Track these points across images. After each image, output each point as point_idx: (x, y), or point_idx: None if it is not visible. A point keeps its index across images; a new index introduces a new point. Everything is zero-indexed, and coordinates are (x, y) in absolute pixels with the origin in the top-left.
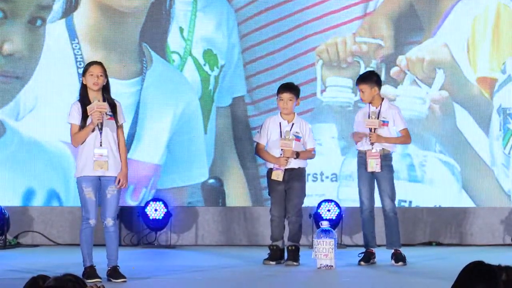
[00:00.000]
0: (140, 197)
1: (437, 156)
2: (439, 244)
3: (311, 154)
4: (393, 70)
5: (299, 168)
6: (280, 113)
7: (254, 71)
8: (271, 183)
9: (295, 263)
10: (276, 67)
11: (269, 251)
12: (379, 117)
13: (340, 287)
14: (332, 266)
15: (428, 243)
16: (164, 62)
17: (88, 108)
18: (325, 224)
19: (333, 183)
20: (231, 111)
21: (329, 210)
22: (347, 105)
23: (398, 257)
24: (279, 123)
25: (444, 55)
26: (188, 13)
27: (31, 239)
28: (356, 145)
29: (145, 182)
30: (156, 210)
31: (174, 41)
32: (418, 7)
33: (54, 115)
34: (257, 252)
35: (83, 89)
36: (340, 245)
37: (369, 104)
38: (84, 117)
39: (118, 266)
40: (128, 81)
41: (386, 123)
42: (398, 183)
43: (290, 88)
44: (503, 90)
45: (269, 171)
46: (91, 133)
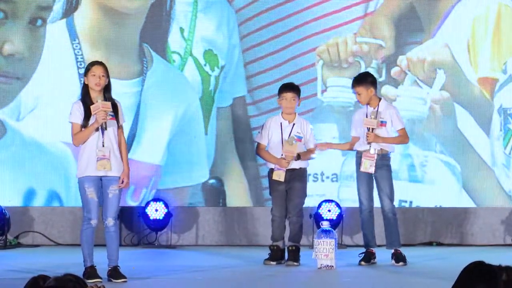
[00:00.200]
0: (141, 197)
1: (438, 156)
2: (440, 244)
3: (312, 155)
4: (394, 70)
5: (301, 169)
6: (281, 113)
7: (255, 72)
8: (272, 183)
9: (296, 263)
10: (277, 67)
11: (270, 251)
12: (377, 117)
13: (341, 287)
14: (333, 266)
15: (429, 243)
16: (165, 63)
17: (93, 108)
18: (326, 224)
19: (334, 183)
20: (232, 112)
21: (330, 210)
22: (348, 105)
23: (399, 257)
24: (280, 123)
25: (445, 56)
26: (189, 14)
27: (32, 239)
28: (355, 146)
29: (146, 182)
30: (157, 210)
31: (175, 42)
32: (419, 8)
33: (55, 115)
34: (258, 252)
35: (85, 89)
36: (341, 245)
37: (367, 105)
38: (86, 117)
39: (119, 266)
40: (129, 82)
41: (384, 124)
42: (399, 183)
43: (293, 88)
44: (504, 90)
45: (270, 171)
46: (94, 133)
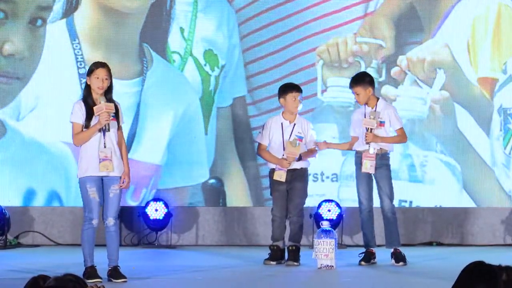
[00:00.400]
0: (141, 197)
1: (438, 156)
2: (440, 244)
3: (313, 155)
4: (394, 70)
5: (302, 169)
6: (282, 113)
7: (255, 71)
8: (273, 183)
9: (296, 263)
10: (277, 67)
11: (270, 251)
12: (376, 117)
13: (341, 287)
14: (333, 266)
15: (429, 243)
16: (165, 63)
17: (96, 109)
18: (326, 224)
19: (334, 183)
20: (232, 111)
21: (330, 210)
22: (348, 105)
23: (398, 257)
24: (281, 124)
25: (445, 56)
26: (189, 14)
27: (32, 239)
28: (354, 146)
29: (146, 182)
30: (157, 210)
31: (175, 41)
32: (419, 7)
33: (55, 115)
34: (257, 252)
35: (87, 89)
36: (341, 245)
37: (365, 105)
38: (88, 117)
39: (119, 266)
40: (129, 81)
41: (383, 123)
42: (399, 183)
43: (299, 88)
44: (504, 90)
45: (271, 172)
46: (95, 134)
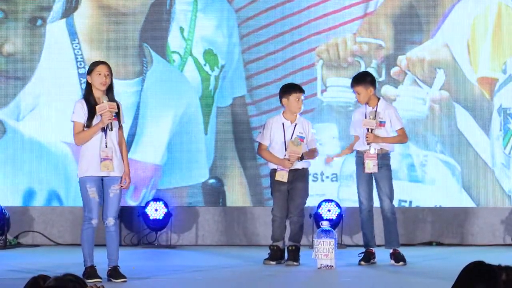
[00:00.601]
0: (141, 197)
1: (438, 156)
2: (440, 244)
3: (315, 154)
4: (394, 70)
5: (303, 169)
6: (283, 113)
7: (255, 71)
8: (275, 184)
9: (295, 263)
10: (277, 67)
11: (270, 251)
12: (376, 118)
13: (340, 287)
14: (332, 266)
15: (429, 243)
16: (165, 62)
17: (98, 108)
18: (325, 224)
19: (333, 183)
20: (232, 111)
21: (330, 210)
22: (348, 105)
23: (398, 257)
24: (282, 124)
25: (445, 55)
26: (189, 14)
27: (32, 239)
28: (354, 146)
29: (146, 182)
30: (157, 210)
31: (175, 41)
32: (419, 7)
33: (55, 115)
34: (257, 252)
35: (88, 88)
36: (340, 245)
37: (366, 105)
38: (90, 117)
39: (119, 266)
40: (129, 81)
41: (383, 124)
42: (399, 183)
43: (301, 88)
44: (504, 90)
45: (273, 172)
46: (97, 133)
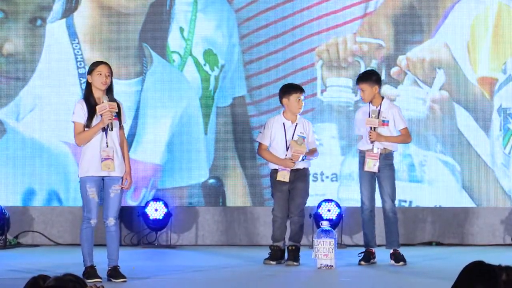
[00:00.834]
0: (141, 197)
1: (438, 156)
2: (439, 244)
3: (315, 154)
4: (394, 70)
5: (304, 169)
6: (283, 113)
7: (254, 71)
8: (276, 184)
9: (295, 263)
10: (276, 67)
11: (270, 251)
12: (379, 117)
13: (340, 287)
14: (332, 266)
15: (428, 243)
16: (165, 62)
17: (99, 108)
18: (325, 224)
19: (333, 183)
20: (231, 111)
21: (329, 210)
22: (348, 105)
23: (398, 257)
24: (283, 124)
25: (445, 55)
26: (188, 14)
27: (31, 239)
28: (358, 145)
29: (146, 182)
30: (157, 210)
31: (174, 41)
32: (419, 7)
33: (55, 115)
34: (257, 252)
35: (88, 88)
36: (340, 245)
37: (370, 103)
38: (90, 117)
39: (119, 266)
40: (129, 81)
41: (386, 123)
42: (398, 183)
43: (302, 88)
44: (504, 90)
45: (273, 172)
46: (98, 133)
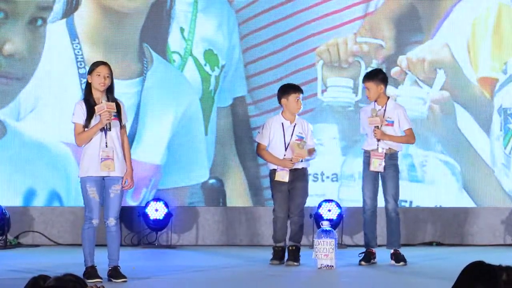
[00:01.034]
0: (141, 197)
1: (438, 156)
2: (440, 244)
3: (313, 154)
4: (394, 70)
5: (303, 168)
6: (282, 113)
7: (255, 71)
8: (275, 184)
9: (296, 263)
10: (277, 67)
11: (273, 252)
12: (384, 116)
13: (341, 287)
14: (333, 266)
15: (429, 243)
16: (165, 63)
17: (97, 108)
18: (326, 224)
19: (334, 183)
20: (232, 111)
21: (330, 210)
22: (348, 105)
23: (398, 257)
24: (282, 124)
25: (445, 55)
26: (189, 14)
27: (32, 239)
28: (362, 145)
29: (146, 182)
30: (157, 210)
31: (175, 41)
32: (419, 7)
33: (55, 116)
34: (258, 252)
35: (88, 88)
36: (341, 245)
37: (375, 103)
38: (89, 117)
39: (119, 266)
40: (129, 82)
41: (391, 123)
42: (399, 183)
43: (300, 88)
44: (504, 90)
45: (272, 172)
46: (97, 133)
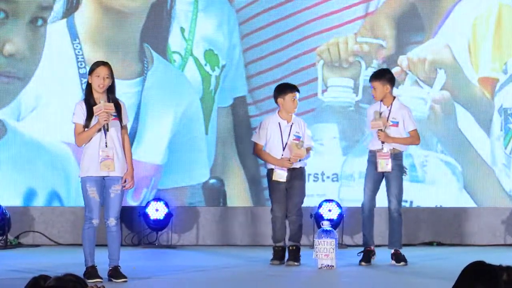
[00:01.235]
0: (141, 197)
1: (438, 156)
2: (440, 244)
3: (310, 153)
4: (394, 70)
5: (300, 168)
6: (279, 113)
7: (255, 71)
8: (273, 184)
9: (296, 263)
10: (277, 67)
11: (274, 252)
12: (389, 117)
13: (341, 287)
14: (333, 266)
15: (429, 243)
16: (165, 62)
17: (95, 109)
18: (326, 224)
19: (334, 183)
20: (232, 111)
21: (330, 210)
22: (349, 105)
23: (399, 257)
24: (279, 124)
25: (446, 55)
26: (189, 14)
27: (32, 239)
28: (368, 145)
29: (146, 182)
30: (157, 210)
31: (175, 41)
32: (420, 7)
33: (55, 115)
34: (258, 252)
35: (88, 88)
36: (341, 245)
37: (381, 102)
38: (89, 117)
39: (119, 266)
40: (130, 81)
41: (396, 124)
42: None
43: (297, 88)
44: (504, 90)
45: (270, 172)
46: (96, 134)
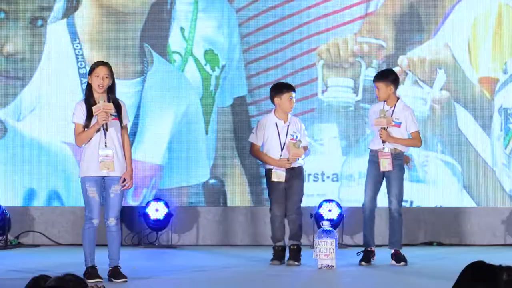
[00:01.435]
0: (141, 197)
1: (438, 156)
2: (440, 244)
3: (307, 152)
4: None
5: (299, 167)
6: (275, 112)
7: (255, 71)
8: (272, 184)
9: (296, 263)
10: (277, 67)
11: (273, 252)
12: (392, 117)
13: (341, 287)
14: (333, 266)
15: (429, 243)
16: (165, 63)
17: (94, 108)
18: (326, 224)
19: (334, 183)
20: (232, 111)
21: (330, 210)
22: (349, 105)
23: (399, 257)
24: (276, 124)
25: (446, 55)
26: (189, 14)
27: (32, 239)
28: (369, 145)
29: (146, 182)
30: (157, 210)
31: (175, 41)
32: (420, 7)
33: (55, 115)
34: (258, 252)
35: (88, 88)
36: (341, 245)
37: (384, 103)
38: (89, 117)
39: (120, 266)
40: (130, 82)
41: (398, 124)
42: None
43: (293, 87)
44: (505, 90)
45: (268, 172)
46: (96, 134)
